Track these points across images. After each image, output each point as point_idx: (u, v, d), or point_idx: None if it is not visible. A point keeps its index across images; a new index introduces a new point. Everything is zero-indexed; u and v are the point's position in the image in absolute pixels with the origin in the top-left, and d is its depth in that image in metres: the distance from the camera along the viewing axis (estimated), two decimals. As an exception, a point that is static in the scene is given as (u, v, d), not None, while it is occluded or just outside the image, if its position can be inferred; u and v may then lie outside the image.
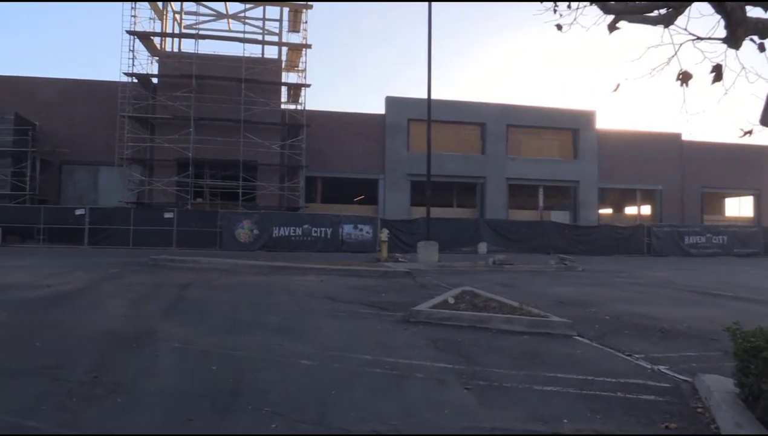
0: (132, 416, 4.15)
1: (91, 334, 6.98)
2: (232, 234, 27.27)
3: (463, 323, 8.11)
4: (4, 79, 33.41)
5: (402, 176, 35.51)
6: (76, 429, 3.83)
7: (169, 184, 30.94)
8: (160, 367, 5.56)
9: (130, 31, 31.27)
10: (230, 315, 8.68)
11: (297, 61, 35.18)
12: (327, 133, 34.65)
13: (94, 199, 32.63)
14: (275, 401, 4.55)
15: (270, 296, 11.05)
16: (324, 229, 28.25)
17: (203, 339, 6.80)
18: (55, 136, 32.10)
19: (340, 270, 16.23)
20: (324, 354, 6.16)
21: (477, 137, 37.62)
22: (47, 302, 9.60)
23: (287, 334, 7.29)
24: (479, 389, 5.07)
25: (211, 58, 32.07)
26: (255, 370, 5.50)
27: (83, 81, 34.08)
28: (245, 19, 35.54)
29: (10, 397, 4.50)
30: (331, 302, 10.29)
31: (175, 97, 30.64)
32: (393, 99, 36.46)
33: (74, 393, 4.60)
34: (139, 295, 10.61)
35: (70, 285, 11.83)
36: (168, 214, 27.40)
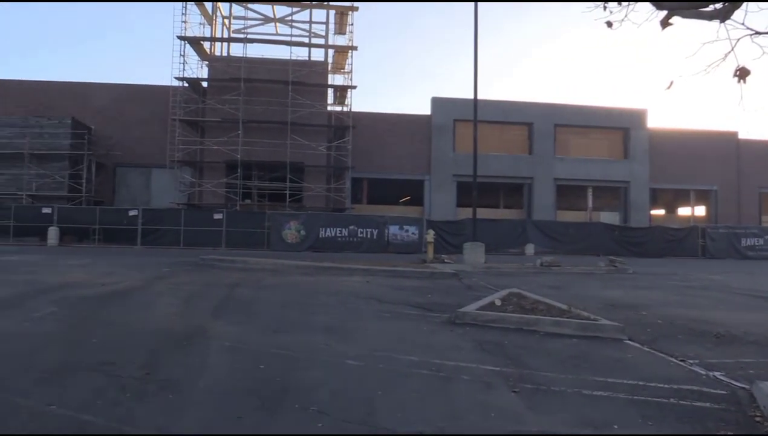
0: (183, 413, 4.25)
1: (144, 331, 7.16)
2: (279, 235, 27.63)
3: (510, 325, 8.03)
4: (63, 85, 34.71)
5: (448, 177, 35.38)
6: (129, 424, 3.93)
7: (218, 186, 31.55)
8: (210, 365, 5.67)
9: (181, 36, 32.03)
10: (278, 315, 8.79)
11: (343, 63, 35.44)
12: (373, 135, 34.79)
13: (146, 200, 33.57)
14: (322, 401, 4.59)
15: (316, 296, 11.14)
16: (370, 230, 28.35)
17: (251, 338, 6.91)
18: (110, 140, 33.19)
19: (385, 271, 16.25)
20: (370, 355, 6.18)
21: (524, 137, 37.20)
22: (102, 300, 9.90)
23: (333, 334, 7.34)
24: (527, 393, 5.01)
25: (258, 62, 32.57)
26: (302, 369, 5.56)
27: (136, 86, 35.15)
28: (292, 22, 35.97)
29: (68, 391, 4.66)
30: (377, 303, 10.32)
31: (224, 101, 31.25)
32: (439, 99, 36.37)
33: (128, 389, 4.73)
34: (190, 294, 10.84)
35: (124, 284, 12.18)
36: (217, 215, 27.94)
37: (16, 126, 30.61)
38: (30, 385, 4.78)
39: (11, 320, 7.57)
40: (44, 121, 30.94)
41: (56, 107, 32.77)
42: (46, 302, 9.23)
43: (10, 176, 30.29)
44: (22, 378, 4.98)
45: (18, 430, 3.72)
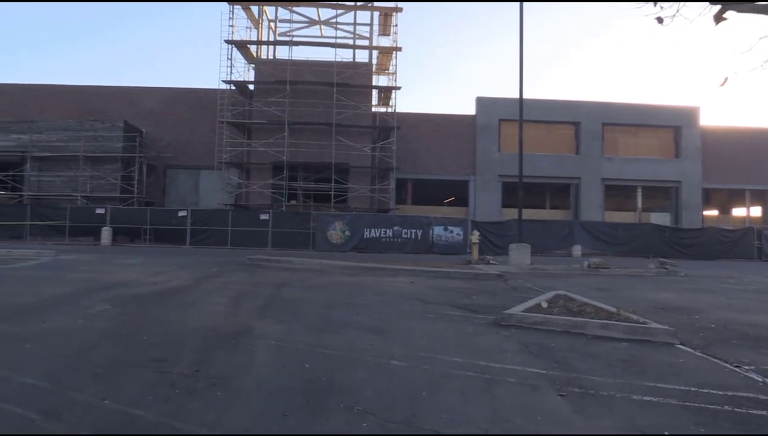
0: (231, 409, 4.32)
1: (193, 329, 7.32)
2: (324, 235, 27.85)
3: (557, 327, 7.91)
4: (115, 89, 35.82)
5: (493, 177, 35.09)
6: (179, 420, 4.02)
7: (264, 187, 32.01)
8: (257, 363, 5.75)
9: (229, 40, 32.62)
10: (323, 314, 8.86)
11: (387, 64, 35.53)
12: (417, 135, 34.79)
13: (195, 201, 34.32)
14: (366, 400, 4.61)
15: (361, 296, 11.19)
16: (414, 230, 28.31)
17: (297, 337, 6.98)
18: (160, 142, 34.10)
19: (430, 272, 16.21)
20: (414, 355, 6.17)
21: (571, 137, 36.60)
22: (153, 298, 10.16)
23: (378, 334, 7.36)
24: (574, 396, 4.93)
25: (304, 64, 32.92)
26: (347, 369, 5.59)
27: (185, 89, 36.00)
28: (336, 24, 36.23)
29: (120, 387, 4.79)
30: (422, 304, 10.30)
31: (270, 103, 31.68)
32: (484, 99, 36.11)
33: (177, 385, 4.83)
34: (237, 293, 11.02)
35: (174, 283, 12.47)
36: (264, 216, 28.35)
37: (72, 129, 31.70)
38: (85, 380, 4.94)
39: (67, 317, 7.83)
40: (98, 125, 31.94)
41: (109, 111, 33.82)
42: (100, 299, 9.52)
43: (66, 178, 31.37)
44: (78, 373, 5.15)
45: (74, 423, 3.85)
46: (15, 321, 7.43)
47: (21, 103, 34.86)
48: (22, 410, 4.06)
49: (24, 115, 33.22)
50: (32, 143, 31.42)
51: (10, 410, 4.06)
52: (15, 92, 35.61)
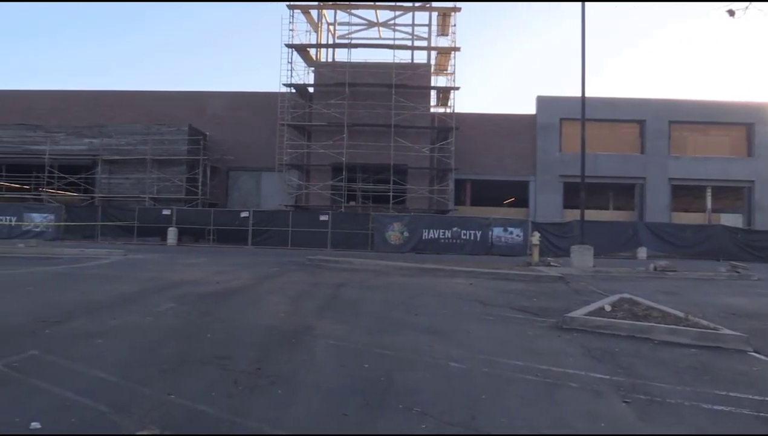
0: (291, 407, 4.38)
1: (255, 328, 7.47)
2: (383, 236, 27.95)
3: (621, 332, 7.68)
4: (180, 94, 37.00)
5: (554, 178, 34.46)
6: (241, 416, 4.10)
7: (324, 188, 32.37)
8: (317, 362, 5.82)
9: (289, 44, 33.17)
10: (381, 315, 8.89)
11: (446, 64, 35.38)
12: (476, 136, 34.52)
13: (256, 202, 35.06)
14: (425, 402, 4.59)
15: (419, 297, 11.17)
16: (473, 231, 28.07)
17: (356, 337, 7.02)
18: (223, 145, 34.97)
19: (489, 273, 16.04)
20: (473, 358, 6.12)
21: (635, 135, 35.56)
22: (216, 297, 10.42)
23: (437, 336, 7.33)
24: (639, 403, 4.78)
25: (362, 66, 33.14)
26: (405, 370, 5.59)
27: (247, 93, 36.86)
28: (395, 26, 36.33)
29: (186, 382, 4.93)
30: (481, 306, 10.20)
31: (330, 105, 32.03)
32: (544, 98, 35.52)
33: (240, 382, 4.94)
34: (297, 293, 11.19)
35: (236, 282, 12.76)
36: (323, 217, 28.67)
37: (140, 133, 32.89)
38: (152, 375, 5.10)
39: (136, 314, 8.12)
40: (164, 129, 33.04)
41: (175, 115, 34.95)
42: (166, 298, 9.84)
43: (135, 180, 32.57)
44: (146, 368, 5.33)
45: (141, 416, 3.98)
46: (88, 318, 7.76)
47: (93, 109, 36.47)
48: (94, 403, 4.23)
49: (95, 121, 34.72)
50: (103, 147, 32.77)
51: (84, 403, 4.23)
52: (87, 99, 37.27)
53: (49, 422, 3.80)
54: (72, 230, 28.94)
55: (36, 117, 35.81)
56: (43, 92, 38.18)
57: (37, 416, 3.86)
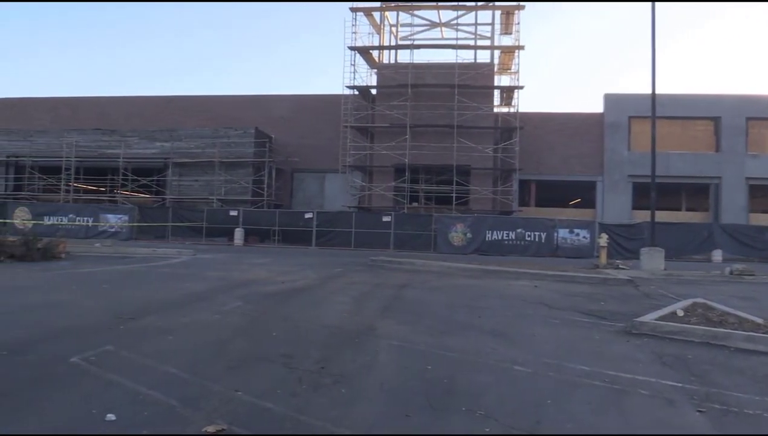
0: (354, 407, 4.40)
1: (318, 327, 7.55)
2: (445, 237, 27.82)
3: (694, 338, 7.37)
4: (247, 98, 37.95)
5: (622, 178, 33.50)
6: (305, 414, 4.15)
7: (387, 189, 32.51)
8: (380, 362, 5.83)
9: (352, 46, 33.48)
10: (444, 316, 8.84)
11: (509, 63, 34.94)
12: (541, 135, 33.96)
13: (320, 203, 35.54)
14: (488, 405, 4.53)
15: (483, 299, 11.05)
16: (538, 233, 27.57)
17: (419, 338, 7.00)
18: (288, 147, 35.65)
19: (554, 276, 15.72)
20: (538, 361, 6.00)
21: (710, 133, 34.12)
22: (281, 296, 10.61)
23: (500, 338, 7.23)
24: (714, 413, 4.57)
25: (425, 67, 33.13)
26: (468, 372, 5.53)
27: (311, 96, 37.45)
28: (457, 25, 36.13)
29: (252, 379, 5.03)
30: (546, 309, 10.01)
31: (392, 106, 32.14)
32: (612, 96, 34.58)
33: (304, 381, 5.00)
34: (360, 293, 11.26)
35: (301, 282, 12.95)
36: (386, 218, 28.77)
37: (208, 137, 33.91)
38: (220, 371, 5.23)
39: (205, 312, 8.35)
40: (231, 132, 33.95)
41: (242, 118, 35.84)
42: (233, 296, 10.08)
43: (203, 182, 33.59)
44: (214, 365, 5.47)
45: (210, 412, 4.08)
46: (160, 315, 8.03)
47: (164, 114, 37.83)
48: (165, 397, 4.37)
49: (166, 125, 36.03)
50: (173, 150, 33.95)
51: (155, 397, 4.38)
52: (159, 104, 38.69)
53: (123, 414, 3.94)
54: (144, 230, 30.09)
55: (111, 122, 37.47)
56: (118, 98, 39.89)
57: (112, 409, 4.02)
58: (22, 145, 36.15)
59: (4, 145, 36.58)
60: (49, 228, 27.97)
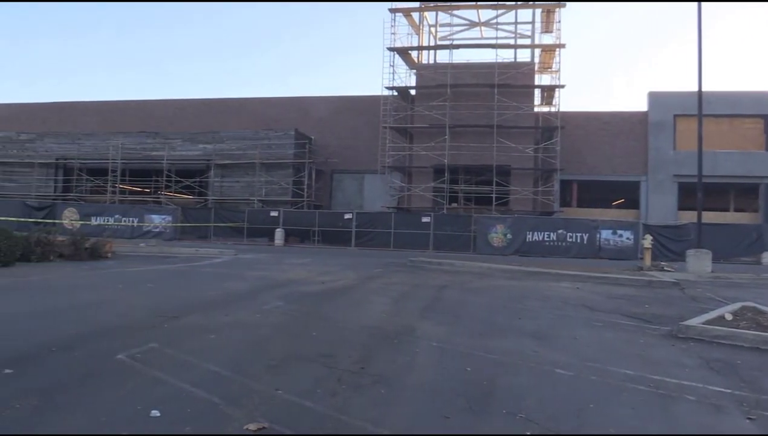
0: (393, 407, 4.40)
1: (358, 327, 7.58)
2: (485, 238, 27.62)
3: (744, 343, 7.15)
4: (287, 99, 38.35)
5: (667, 178, 32.73)
6: (345, 414, 4.16)
7: (426, 190, 32.45)
8: (419, 363, 5.81)
9: (391, 47, 33.52)
10: (484, 318, 8.78)
11: (550, 62, 34.49)
12: (583, 135, 33.45)
13: (359, 204, 35.68)
14: (529, 408, 4.47)
15: (523, 300, 10.94)
16: (580, 234, 27.14)
17: (458, 340, 6.97)
18: (327, 148, 35.89)
19: (597, 277, 15.45)
20: (581, 365, 5.90)
21: (759, 131, 33.05)
22: (321, 296, 10.69)
23: (541, 340, 7.14)
24: (765, 421, 4.42)
25: (464, 67, 32.97)
26: (509, 374, 5.47)
27: (350, 97, 37.60)
28: (497, 24, 35.85)
29: (292, 378, 5.07)
30: (588, 311, 9.84)
31: (432, 107, 32.06)
32: (656, 94, 33.82)
33: (343, 381, 5.02)
34: (400, 294, 11.26)
35: (340, 282, 13.02)
36: (425, 219, 28.72)
37: (249, 139, 34.39)
38: (261, 370, 5.29)
39: (246, 311, 8.46)
40: (272, 134, 34.36)
41: (282, 120, 36.21)
42: (274, 296, 10.19)
43: (244, 183, 34.07)
44: (255, 363, 5.53)
45: (251, 409, 4.13)
46: (203, 314, 8.17)
47: (206, 116, 38.49)
48: (208, 394, 4.44)
49: (208, 127, 36.65)
50: (215, 152, 34.52)
51: (198, 394, 4.45)
52: (201, 107, 39.38)
53: (168, 411, 4.02)
54: (187, 230, 30.68)
55: (155, 125, 38.30)
56: (162, 101, 40.74)
57: (157, 405, 4.10)
58: (70, 148, 37.25)
59: (53, 148, 37.75)
60: (96, 228, 28.73)
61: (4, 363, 5.07)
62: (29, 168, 37.50)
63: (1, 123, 41.19)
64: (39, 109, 42.48)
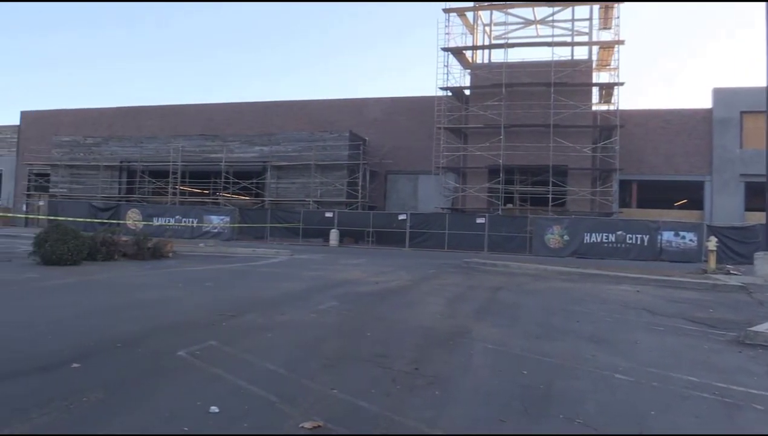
0: (448, 409, 4.37)
1: (412, 328, 7.57)
2: (541, 239, 27.19)
3: (818, 349, 6.81)
4: (342, 101, 38.67)
5: (733, 177, 31.49)
6: (399, 414, 4.16)
7: (480, 191, 32.19)
8: (474, 365, 5.76)
9: (445, 48, 33.40)
10: (540, 320, 8.64)
11: (608, 59, 33.68)
12: (643, 133, 32.55)
13: (413, 205, 35.68)
14: (588, 413, 4.37)
15: (581, 303, 10.72)
16: (640, 236, 26.39)
17: (514, 342, 6.87)
18: (381, 149, 36.03)
19: (658, 280, 15.00)
20: (641, 370, 5.73)
21: (833, 128, 31.46)
22: (375, 296, 10.73)
23: (600, 344, 6.97)
24: (841, 432, 4.20)
25: (519, 66, 32.56)
26: (566, 378, 5.36)
27: (404, 98, 37.63)
28: (553, 22, 35.25)
29: (347, 378, 5.10)
30: (649, 315, 9.56)
31: (486, 107, 31.79)
32: (721, 90, 32.58)
33: (398, 381, 5.02)
34: (454, 295, 11.20)
35: (394, 283, 13.04)
36: (480, 220, 28.49)
37: (304, 140, 34.87)
38: (316, 369, 5.34)
39: (302, 311, 8.56)
40: (327, 135, 34.74)
41: (337, 122, 36.58)
42: (329, 296, 10.29)
43: (300, 185, 34.55)
44: (310, 362, 5.59)
45: (307, 408, 4.18)
46: (260, 312, 8.31)
47: (263, 119, 39.25)
48: (264, 392, 4.51)
49: (265, 130, 37.39)
50: (272, 154, 35.15)
51: (255, 392, 4.53)
52: (258, 110, 40.15)
53: (226, 407, 4.10)
54: (244, 230, 31.33)
55: (214, 128, 39.30)
56: (221, 105, 41.72)
57: (216, 401, 4.19)
58: (133, 151, 38.58)
59: (117, 151, 39.18)
60: (157, 228, 29.63)
61: (72, 358, 5.29)
62: (95, 171, 39.05)
63: (69, 128, 43.07)
64: (104, 114, 44.21)
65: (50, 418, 3.76)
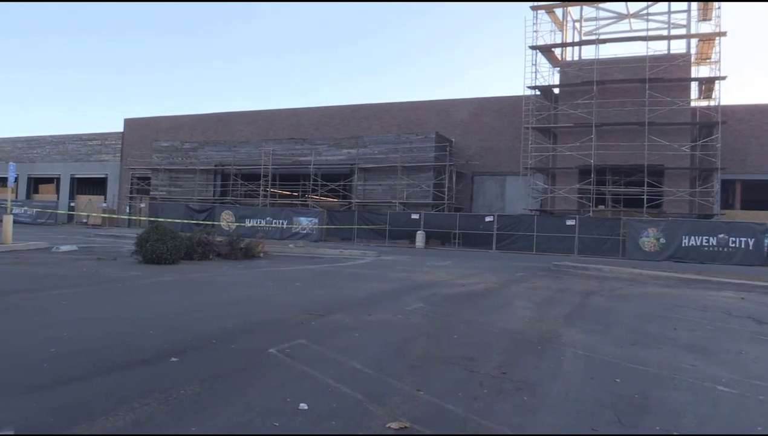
0: (536, 415, 4.27)
1: (499, 332, 7.45)
2: (635, 242, 26.13)
3: None
4: (427, 103, 38.70)
5: None
6: (486, 418, 4.10)
7: (570, 192, 31.32)
8: (564, 371, 5.60)
9: (533, 46, 32.75)
10: (634, 327, 8.29)
11: (709, 52, 31.94)
12: (747, 130, 30.68)
13: (501, 207, 35.20)
14: (686, 426, 4.15)
15: (679, 310, 10.21)
16: (744, 239, 24.84)
17: (606, 349, 6.63)
18: (468, 150, 35.76)
19: (766, 287, 14.07)
20: (746, 382, 5.38)
21: None
22: (462, 299, 10.65)
23: (700, 354, 6.61)
24: None
25: (611, 62, 31.45)
26: (663, 388, 5.12)
27: (491, 98, 37.21)
28: (647, 15, 33.82)
29: (433, 380, 5.08)
30: (755, 324, 8.97)
31: (576, 105, 30.91)
32: (838, 83, 30.17)
33: (485, 385, 4.95)
34: (543, 299, 10.95)
35: (481, 285, 12.90)
36: (570, 222, 27.74)
37: (391, 143, 35.11)
38: (402, 370, 5.35)
39: (388, 312, 8.62)
40: (413, 137, 34.83)
41: (423, 124, 36.65)
42: (415, 297, 10.30)
43: (386, 187, 34.81)
44: (396, 363, 5.61)
45: (393, 408, 4.19)
46: (348, 312, 8.43)
47: (350, 122, 39.88)
48: (351, 391, 4.57)
49: (352, 133, 37.95)
50: (358, 156, 35.60)
51: (342, 390, 4.59)
52: (345, 113, 40.82)
53: (314, 404, 4.18)
54: (332, 232, 31.91)
55: (302, 132, 40.28)
56: (309, 109, 42.73)
57: (305, 398, 4.28)
58: (227, 155, 40.13)
59: (212, 155, 40.88)
60: (249, 229, 30.67)
61: (171, 352, 5.56)
62: (192, 174, 40.91)
63: (167, 133, 45.38)
64: (199, 120, 46.33)
65: (150, 409, 3.96)
